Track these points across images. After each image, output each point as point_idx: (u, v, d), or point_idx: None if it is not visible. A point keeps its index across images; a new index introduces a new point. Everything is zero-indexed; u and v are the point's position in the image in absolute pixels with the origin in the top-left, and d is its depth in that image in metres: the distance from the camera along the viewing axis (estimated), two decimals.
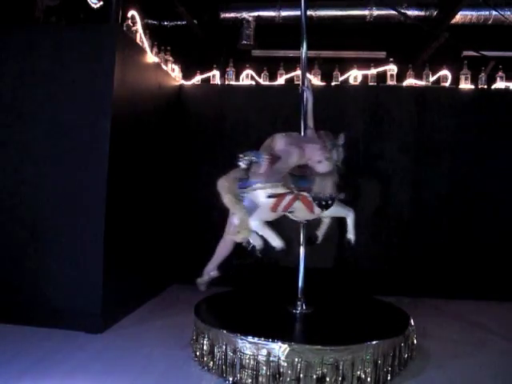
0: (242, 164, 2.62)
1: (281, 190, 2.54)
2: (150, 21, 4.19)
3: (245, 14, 4.44)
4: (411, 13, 4.22)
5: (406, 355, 2.46)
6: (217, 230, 4.36)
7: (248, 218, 2.60)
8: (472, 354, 2.72)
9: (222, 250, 2.85)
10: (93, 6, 3.22)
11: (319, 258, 3.73)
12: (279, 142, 2.66)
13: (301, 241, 2.84)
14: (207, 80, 4.66)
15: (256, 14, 4.43)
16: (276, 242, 2.61)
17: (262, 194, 2.55)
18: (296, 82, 4.45)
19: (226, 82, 4.60)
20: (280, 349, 2.15)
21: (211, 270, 2.90)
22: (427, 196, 4.21)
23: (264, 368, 2.16)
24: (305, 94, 2.86)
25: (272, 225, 3.00)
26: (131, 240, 3.43)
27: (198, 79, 4.64)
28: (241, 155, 2.61)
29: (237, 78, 4.60)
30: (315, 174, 2.66)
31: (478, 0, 3.98)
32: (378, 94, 4.36)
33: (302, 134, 2.82)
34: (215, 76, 4.63)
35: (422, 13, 4.25)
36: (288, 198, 2.59)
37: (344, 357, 2.15)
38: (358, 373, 2.17)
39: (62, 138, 3.04)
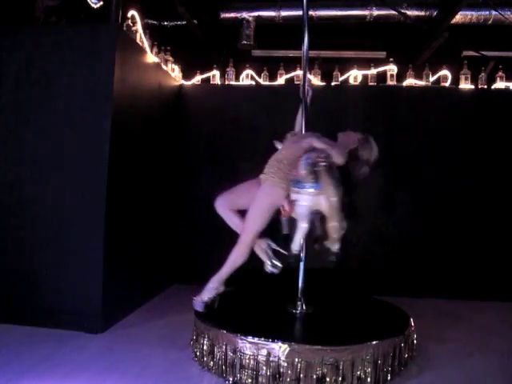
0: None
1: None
2: (149, 21, 4.18)
3: (245, 14, 4.44)
4: (411, 13, 4.22)
5: (406, 355, 2.46)
6: (217, 230, 4.39)
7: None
8: (472, 354, 2.72)
9: (238, 258, 2.52)
10: (93, 5, 3.22)
11: (319, 258, 3.73)
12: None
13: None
14: (207, 80, 4.66)
15: (256, 14, 4.43)
16: None
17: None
18: (296, 82, 4.46)
19: (226, 82, 4.60)
20: (280, 349, 2.15)
21: (217, 285, 2.57)
22: (427, 196, 4.21)
23: (264, 368, 2.16)
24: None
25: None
26: (131, 240, 3.43)
27: (198, 79, 4.64)
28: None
29: (237, 78, 4.60)
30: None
31: (478, 0, 3.98)
32: (377, 94, 4.36)
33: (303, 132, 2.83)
34: (215, 76, 4.63)
35: (422, 13, 4.24)
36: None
37: (344, 357, 2.15)
38: (358, 373, 2.17)
39: (62, 138, 3.04)
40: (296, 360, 2.13)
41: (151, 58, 3.79)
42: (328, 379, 2.12)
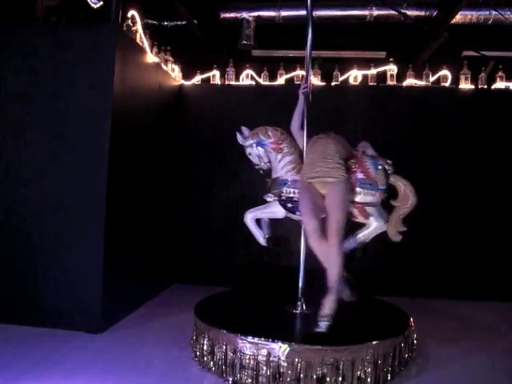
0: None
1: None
2: (149, 21, 4.18)
3: (245, 14, 4.44)
4: (411, 13, 4.22)
5: (406, 355, 2.46)
6: (217, 230, 4.40)
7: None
8: (472, 354, 2.72)
9: (338, 258, 2.40)
10: (93, 5, 3.22)
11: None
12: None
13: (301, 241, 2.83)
14: (207, 80, 4.66)
15: (256, 13, 4.43)
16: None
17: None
18: (296, 82, 4.46)
19: (226, 82, 4.60)
20: (280, 349, 2.15)
21: (336, 294, 2.45)
22: (427, 196, 4.20)
23: (264, 368, 2.16)
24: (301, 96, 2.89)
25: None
26: (131, 240, 3.43)
27: (198, 79, 4.65)
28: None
29: (237, 78, 4.60)
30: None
31: (478, 0, 3.98)
32: (377, 94, 4.36)
33: (305, 132, 2.84)
34: (215, 76, 4.64)
35: (422, 13, 4.24)
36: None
37: (344, 357, 2.15)
38: (358, 373, 2.18)
39: (62, 138, 3.04)
40: (296, 360, 2.13)
41: (151, 58, 3.79)
42: (328, 379, 2.12)
